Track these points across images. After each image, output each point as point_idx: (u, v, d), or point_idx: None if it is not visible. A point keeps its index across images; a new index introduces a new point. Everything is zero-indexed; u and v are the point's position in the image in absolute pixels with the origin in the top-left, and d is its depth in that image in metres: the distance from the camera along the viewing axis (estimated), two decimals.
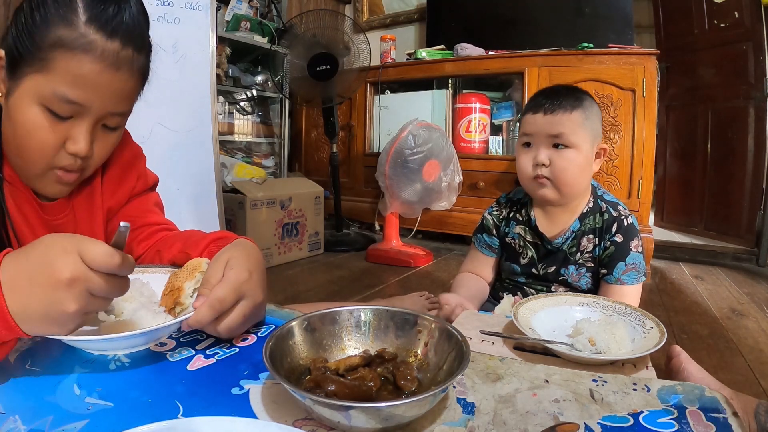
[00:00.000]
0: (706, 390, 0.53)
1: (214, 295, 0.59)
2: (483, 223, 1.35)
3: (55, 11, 0.63)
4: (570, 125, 1.13)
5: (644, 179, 2.54)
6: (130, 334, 0.55)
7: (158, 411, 0.47)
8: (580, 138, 1.14)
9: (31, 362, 0.57)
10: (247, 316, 0.62)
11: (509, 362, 0.62)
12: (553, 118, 1.13)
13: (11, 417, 0.46)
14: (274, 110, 3.54)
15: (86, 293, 0.47)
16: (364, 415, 0.42)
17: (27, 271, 0.47)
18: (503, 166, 2.93)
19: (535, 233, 1.25)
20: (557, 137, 1.14)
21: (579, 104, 1.14)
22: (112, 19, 0.64)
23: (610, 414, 0.50)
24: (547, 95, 1.18)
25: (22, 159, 0.70)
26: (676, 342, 1.58)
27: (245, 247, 0.69)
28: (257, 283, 0.64)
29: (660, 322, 0.83)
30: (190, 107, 2.14)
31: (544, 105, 1.15)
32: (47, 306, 0.46)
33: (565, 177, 1.14)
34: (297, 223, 2.81)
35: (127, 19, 0.66)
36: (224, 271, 0.62)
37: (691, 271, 2.72)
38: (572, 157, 1.14)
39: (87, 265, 0.46)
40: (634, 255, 1.16)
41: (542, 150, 1.15)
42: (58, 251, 0.46)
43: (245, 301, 0.61)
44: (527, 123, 1.18)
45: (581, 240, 1.20)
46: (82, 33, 0.63)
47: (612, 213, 1.19)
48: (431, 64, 3.20)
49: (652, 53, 2.56)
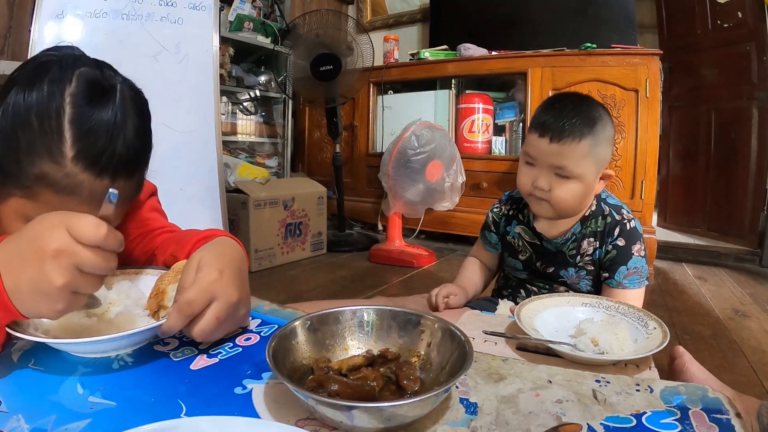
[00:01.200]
0: (709, 391, 0.53)
1: (182, 299, 0.57)
2: (486, 220, 1.36)
3: (41, 138, 0.57)
4: (575, 157, 1.08)
5: (647, 180, 2.53)
6: (94, 340, 0.54)
7: (161, 410, 0.48)
8: (583, 169, 1.09)
9: (34, 361, 0.57)
10: (222, 317, 0.59)
11: (512, 362, 0.62)
12: (559, 148, 1.07)
13: (14, 416, 0.46)
14: (277, 110, 3.54)
15: (73, 267, 0.46)
16: (367, 415, 0.42)
17: (18, 249, 0.47)
18: (506, 167, 2.93)
19: (534, 234, 1.24)
20: (560, 169, 1.09)
21: (589, 131, 1.08)
22: (101, 154, 0.59)
23: (612, 414, 0.50)
24: (557, 114, 1.10)
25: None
26: (678, 343, 1.58)
27: (219, 245, 0.67)
28: (229, 282, 0.61)
29: (663, 323, 0.82)
30: (194, 107, 2.15)
31: (551, 130, 1.08)
32: (36, 280, 0.46)
33: (562, 206, 1.12)
34: (300, 223, 2.81)
35: (120, 150, 0.60)
36: (196, 272, 0.60)
37: (693, 271, 2.71)
38: (573, 188, 1.10)
39: (74, 238, 0.46)
40: (637, 259, 1.14)
41: (543, 176, 1.11)
42: (46, 226, 0.47)
43: (217, 302, 0.59)
44: (531, 144, 1.13)
45: (582, 243, 1.18)
46: (69, 173, 0.57)
47: (615, 216, 1.16)
48: (434, 64, 3.20)
49: (655, 53, 2.55)
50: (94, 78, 0.61)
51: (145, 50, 1.95)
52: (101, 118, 0.59)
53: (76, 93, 0.58)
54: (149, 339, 0.61)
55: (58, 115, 0.57)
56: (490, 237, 1.34)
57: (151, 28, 1.97)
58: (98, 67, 0.63)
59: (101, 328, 0.61)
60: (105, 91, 0.61)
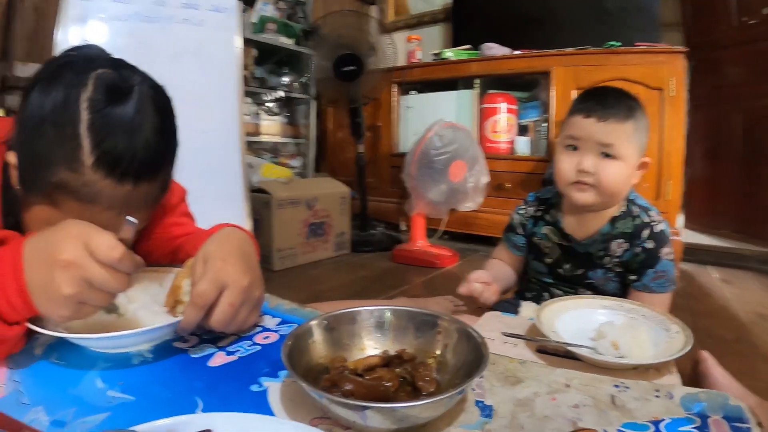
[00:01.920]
0: (730, 398, 0.51)
1: (194, 291, 0.58)
2: (511, 222, 1.34)
3: (58, 147, 0.57)
4: (622, 136, 1.08)
5: (673, 180, 2.47)
6: (114, 335, 0.56)
7: (178, 406, 0.48)
8: (629, 150, 1.09)
9: (56, 356, 0.59)
10: (236, 303, 0.60)
11: (529, 365, 0.61)
12: (606, 126, 1.08)
13: (35, 408, 0.47)
14: (300, 111, 3.57)
15: (82, 280, 0.47)
16: (380, 415, 0.42)
17: (37, 249, 0.48)
18: (530, 167, 2.90)
19: (561, 235, 1.22)
20: (607, 147, 1.09)
21: (632, 115, 1.10)
22: (121, 159, 0.58)
23: (630, 421, 0.49)
24: (599, 99, 1.12)
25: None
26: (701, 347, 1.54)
27: (223, 235, 0.68)
28: (236, 268, 0.61)
29: (687, 327, 0.80)
30: (217, 109, 2.17)
31: (596, 110, 1.10)
32: (45, 283, 0.47)
33: (611, 187, 1.10)
34: (323, 223, 2.83)
35: (140, 153, 0.59)
36: (203, 265, 0.61)
37: (718, 274, 2.64)
38: (619, 168, 1.09)
39: (89, 253, 0.47)
40: (665, 263, 1.12)
41: (589, 156, 1.10)
42: (65, 235, 0.47)
43: (228, 290, 0.59)
44: (576, 126, 1.12)
45: (610, 244, 1.16)
46: (88, 181, 0.57)
47: (643, 218, 1.15)
48: (457, 64, 3.18)
49: (680, 51, 2.49)
50: (110, 80, 0.59)
51: (167, 52, 1.98)
52: (119, 121, 0.58)
53: (92, 98, 0.57)
54: (168, 335, 0.63)
55: (74, 123, 0.56)
56: (516, 239, 1.32)
57: (173, 30, 2.00)
58: (116, 68, 0.61)
59: (121, 324, 0.62)
60: (122, 93, 0.59)
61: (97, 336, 0.56)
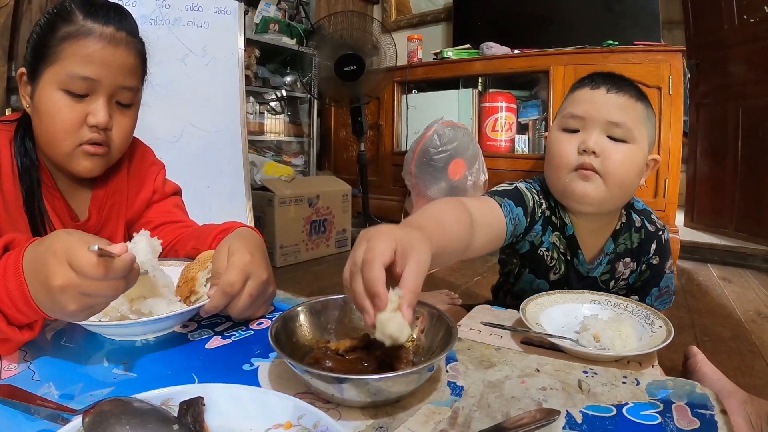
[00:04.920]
0: (697, 387, 0.54)
1: (224, 281, 0.65)
2: (522, 192, 0.99)
3: (59, 18, 0.76)
4: (633, 115, 0.90)
5: (670, 178, 2.50)
6: (148, 320, 0.61)
7: (176, 382, 0.53)
8: (642, 134, 0.91)
9: (66, 339, 0.64)
10: (254, 295, 0.67)
11: (504, 351, 0.65)
12: (618, 98, 0.90)
13: (46, 384, 0.53)
14: (303, 110, 3.61)
15: (81, 295, 0.50)
16: (355, 388, 0.47)
17: (34, 268, 0.51)
18: (529, 165, 2.93)
19: (569, 246, 1.02)
20: (617, 126, 0.89)
21: (644, 97, 0.94)
22: (104, 14, 0.78)
23: (594, 404, 0.51)
24: (608, 75, 0.94)
25: (52, 142, 0.79)
26: (697, 344, 1.57)
27: (243, 234, 0.76)
28: (259, 263, 0.69)
29: (669, 321, 0.79)
30: (220, 108, 2.22)
31: (607, 81, 0.92)
32: (51, 304, 0.51)
33: (619, 176, 0.90)
34: (325, 221, 2.87)
35: (116, 16, 0.79)
36: (228, 258, 0.68)
37: (718, 272, 2.67)
38: (630, 154, 0.90)
39: (77, 271, 0.49)
40: (668, 277, 1.04)
41: (594, 137, 0.90)
42: (51, 258, 0.49)
43: (251, 281, 0.67)
44: (580, 101, 0.94)
45: (616, 265, 1.02)
46: (82, 24, 0.76)
47: (648, 228, 1.01)
48: (457, 63, 3.22)
49: (679, 50, 2.52)
50: None
51: (172, 54, 2.03)
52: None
53: None
54: (179, 324, 0.68)
55: (69, 4, 0.77)
56: (516, 211, 0.95)
57: (178, 32, 2.05)
58: None
59: (138, 313, 0.66)
60: None
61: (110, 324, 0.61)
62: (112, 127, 0.81)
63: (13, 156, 0.79)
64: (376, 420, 0.48)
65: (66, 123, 0.77)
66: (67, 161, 0.80)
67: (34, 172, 0.81)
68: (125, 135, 0.84)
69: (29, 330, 0.56)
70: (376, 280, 0.48)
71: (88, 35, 0.76)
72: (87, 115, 0.77)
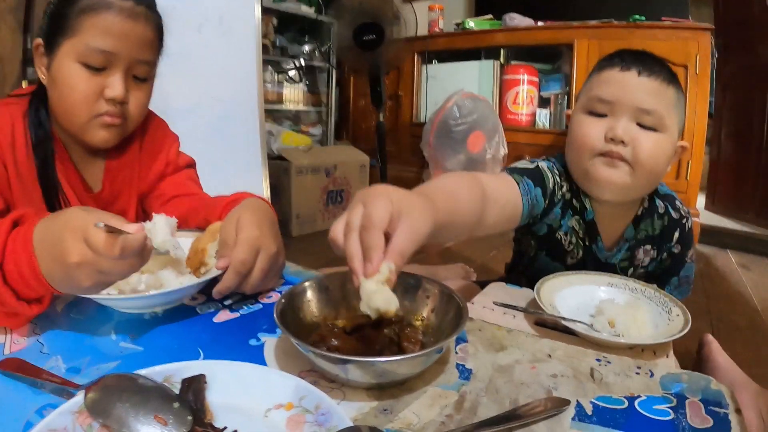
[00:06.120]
0: (712, 382, 0.52)
1: (236, 259, 0.64)
2: (541, 170, 0.94)
3: None
4: (665, 102, 0.85)
5: (693, 160, 2.43)
6: (159, 293, 0.61)
7: (182, 356, 0.53)
8: (672, 122, 0.87)
9: (76, 311, 0.64)
10: (266, 269, 0.68)
11: (516, 334, 0.63)
12: (650, 83, 0.84)
13: (54, 356, 0.53)
14: (321, 79, 3.57)
15: (96, 272, 0.50)
16: (360, 369, 0.46)
17: (48, 243, 0.51)
18: (549, 139, 2.88)
19: (588, 232, 0.98)
20: (648, 114, 0.85)
21: (675, 80, 0.88)
22: None
23: (605, 395, 0.50)
24: (637, 55, 0.88)
25: (69, 113, 0.78)
26: (712, 330, 1.53)
27: (252, 205, 0.75)
28: (268, 236, 0.69)
29: (687, 311, 0.77)
30: (237, 78, 2.19)
31: (639, 63, 0.86)
32: (65, 279, 0.51)
33: (648, 165, 0.86)
34: (342, 191, 2.87)
35: None
36: (236, 231, 0.67)
37: (737, 259, 2.60)
38: (661, 143, 0.86)
39: (92, 248, 0.49)
40: (688, 266, 1.00)
41: (623, 123, 0.85)
42: (68, 234, 0.49)
43: (261, 254, 0.67)
44: (609, 82, 0.88)
45: (636, 252, 0.98)
46: None
47: (671, 214, 0.97)
48: (479, 34, 3.14)
49: (707, 28, 2.42)
50: None
51: (188, 23, 1.99)
52: None
53: None
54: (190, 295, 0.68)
55: None
56: (535, 192, 0.92)
57: (193, 1, 2.01)
58: None
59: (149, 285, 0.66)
60: None
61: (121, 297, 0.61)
62: (129, 100, 0.81)
63: (26, 128, 0.80)
64: (381, 402, 0.47)
65: (83, 95, 0.76)
66: (83, 132, 0.80)
67: (48, 144, 0.81)
68: (141, 108, 0.84)
69: (38, 304, 0.56)
70: (375, 247, 0.47)
71: (108, 8, 0.75)
72: (104, 89, 0.77)
